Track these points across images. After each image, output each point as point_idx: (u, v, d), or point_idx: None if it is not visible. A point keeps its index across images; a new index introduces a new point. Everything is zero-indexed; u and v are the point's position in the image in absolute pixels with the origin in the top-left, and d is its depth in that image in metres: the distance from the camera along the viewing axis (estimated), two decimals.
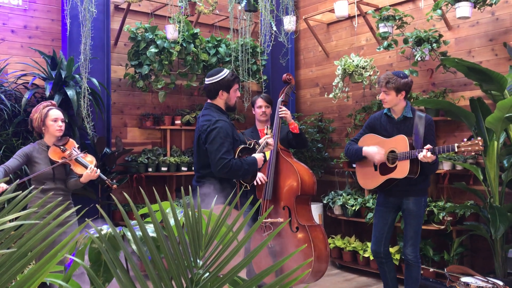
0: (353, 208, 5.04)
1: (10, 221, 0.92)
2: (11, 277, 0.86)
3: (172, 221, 1.14)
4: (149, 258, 1.06)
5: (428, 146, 3.23)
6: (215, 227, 1.12)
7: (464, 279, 3.64)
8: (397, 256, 4.61)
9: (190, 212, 1.12)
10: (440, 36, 4.54)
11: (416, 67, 4.67)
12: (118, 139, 4.99)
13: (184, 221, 1.09)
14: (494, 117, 3.73)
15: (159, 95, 5.19)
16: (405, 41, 4.59)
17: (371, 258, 4.81)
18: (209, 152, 3.08)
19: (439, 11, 4.36)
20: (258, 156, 3.17)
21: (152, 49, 4.91)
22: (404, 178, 3.37)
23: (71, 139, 3.48)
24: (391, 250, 4.69)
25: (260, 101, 4.20)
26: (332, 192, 5.47)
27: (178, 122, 5.50)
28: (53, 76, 4.38)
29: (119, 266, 0.99)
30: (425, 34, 4.48)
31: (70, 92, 4.26)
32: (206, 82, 3.26)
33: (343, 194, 5.29)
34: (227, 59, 5.43)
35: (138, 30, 5.02)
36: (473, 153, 3.20)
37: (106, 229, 1.17)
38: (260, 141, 3.31)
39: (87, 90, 4.27)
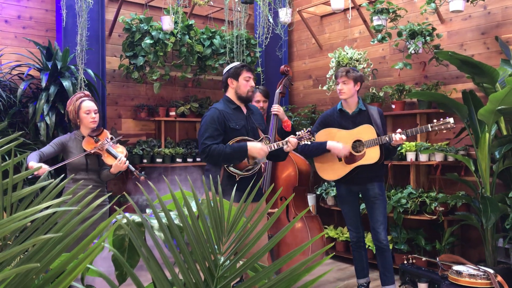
0: None
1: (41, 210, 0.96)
2: (48, 264, 0.90)
3: (193, 208, 1.18)
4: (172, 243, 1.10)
5: (399, 130, 3.44)
6: (236, 215, 1.16)
7: (456, 267, 3.73)
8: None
9: (211, 200, 1.16)
10: (433, 29, 4.60)
11: (410, 60, 4.73)
12: (113, 130, 5.00)
13: (207, 208, 1.13)
14: (486, 110, 3.81)
15: (154, 86, 5.19)
16: (399, 34, 4.65)
17: None
18: None
19: (432, 5, 4.42)
20: (253, 144, 3.04)
21: (147, 40, 4.91)
22: (373, 164, 3.53)
23: (105, 130, 3.48)
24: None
25: (258, 96, 4.19)
26: (325, 183, 5.54)
27: (172, 113, 5.51)
28: (49, 67, 4.36)
29: (147, 250, 1.02)
30: (418, 27, 4.54)
31: (66, 83, 4.26)
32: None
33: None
34: (222, 50, 5.45)
35: (133, 21, 5.01)
36: (444, 131, 3.43)
37: (129, 216, 1.20)
38: (284, 140, 3.20)
39: (83, 81, 4.27)
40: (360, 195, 3.79)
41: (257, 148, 3.03)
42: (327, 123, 3.75)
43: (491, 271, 3.58)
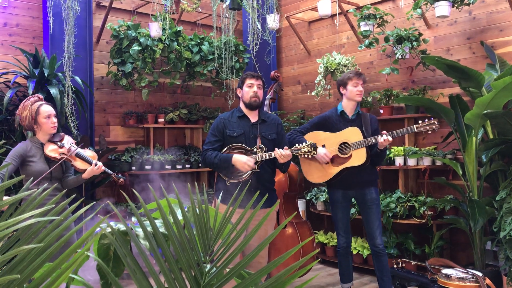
0: None
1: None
2: (30, 274, 0.89)
3: (179, 216, 1.17)
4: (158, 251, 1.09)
5: (384, 131, 3.49)
6: (222, 221, 1.15)
7: (445, 271, 3.75)
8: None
9: (197, 207, 1.16)
10: (420, 34, 4.64)
11: (397, 65, 4.77)
12: (101, 137, 4.96)
13: (192, 215, 1.12)
14: (473, 114, 3.85)
15: (142, 93, 5.17)
16: (386, 40, 4.69)
17: (354, 252, 4.91)
18: None
19: (419, 10, 4.46)
20: (238, 157, 3.10)
21: (135, 47, 4.90)
22: (360, 166, 3.56)
23: (66, 135, 3.29)
24: (365, 244, 4.85)
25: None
26: (315, 188, 5.55)
27: (161, 120, 5.49)
28: (36, 74, 4.33)
29: (132, 260, 1.02)
30: (405, 32, 4.58)
31: (53, 91, 4.23)
32: None
33: (326, 190, 5.37)
34: (210, 57, 5.45)
35: (120, 28, 5.00)
36: (429, 132, 3.51)
37: (114, 225, 1.20)
38: (276, 151, 3.10)
39: (71, 88, 4.24)
40: (354, 201, 3.80)
41: (241, 162, 3.09)
42: (324, 124, 3.74)
43: (480, 274, 3.61)
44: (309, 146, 3.13)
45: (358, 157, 3.55)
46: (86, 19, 4.86)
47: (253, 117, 3.30)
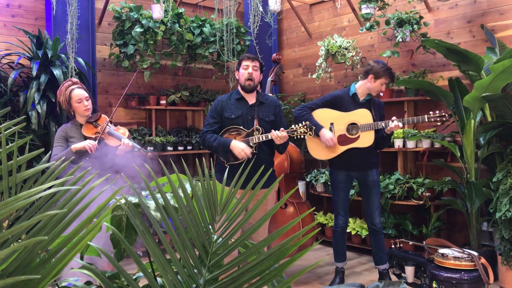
0: None
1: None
2: (54, 238, 0.95)
3: (188, 190, 1.24)
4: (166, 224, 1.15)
5: (395, 117, 3.57)
6: (228, 195, 1.22)
7: (442, 250, 3.83)
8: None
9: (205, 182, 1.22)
10: (421, 17, 4.67)
11: (397, 48, 4.80)
12: None
13: (201, 189, 1.19)
14: (472, 97, 3.90)
15: (144, 74, 5.21)
16: (387, 23, 4.71)
17: (353, 233, 5.00)
18: None
19: None
20: (236, 143, 3.16)
21: (137, 29, 4.92)
22: (366, 148, 3.66)
23: (103, 115, 3.48)
24: (364, 224, 4.96)
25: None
26: (315, 170, 5.62)
27: (163, 102, 5.54)
28: (39, 55, 4.36)
29: (145, 228, 1.08)
30: (406, 15, 4.61)
31: (57, 72, 4.27)
32: None
33: (326, 172, 5.45)
34: (212, 39, 5.47)
35: (122, 9, 5.01)
36: (439, 124, 3.64)
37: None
38: (273, 133, 3.16)
39: (74, 70, 4.28)
40: (355, 182, 3.90)
41: (238, 148, 3.16)
42: (335, 103, 3.80)
43: (475, 253, 3.69)
44: (305, 127, 3.18)
45: (366, 139, 3.64)
46: (88, 0, 4.87)
47: (251, 99, 3.35)
